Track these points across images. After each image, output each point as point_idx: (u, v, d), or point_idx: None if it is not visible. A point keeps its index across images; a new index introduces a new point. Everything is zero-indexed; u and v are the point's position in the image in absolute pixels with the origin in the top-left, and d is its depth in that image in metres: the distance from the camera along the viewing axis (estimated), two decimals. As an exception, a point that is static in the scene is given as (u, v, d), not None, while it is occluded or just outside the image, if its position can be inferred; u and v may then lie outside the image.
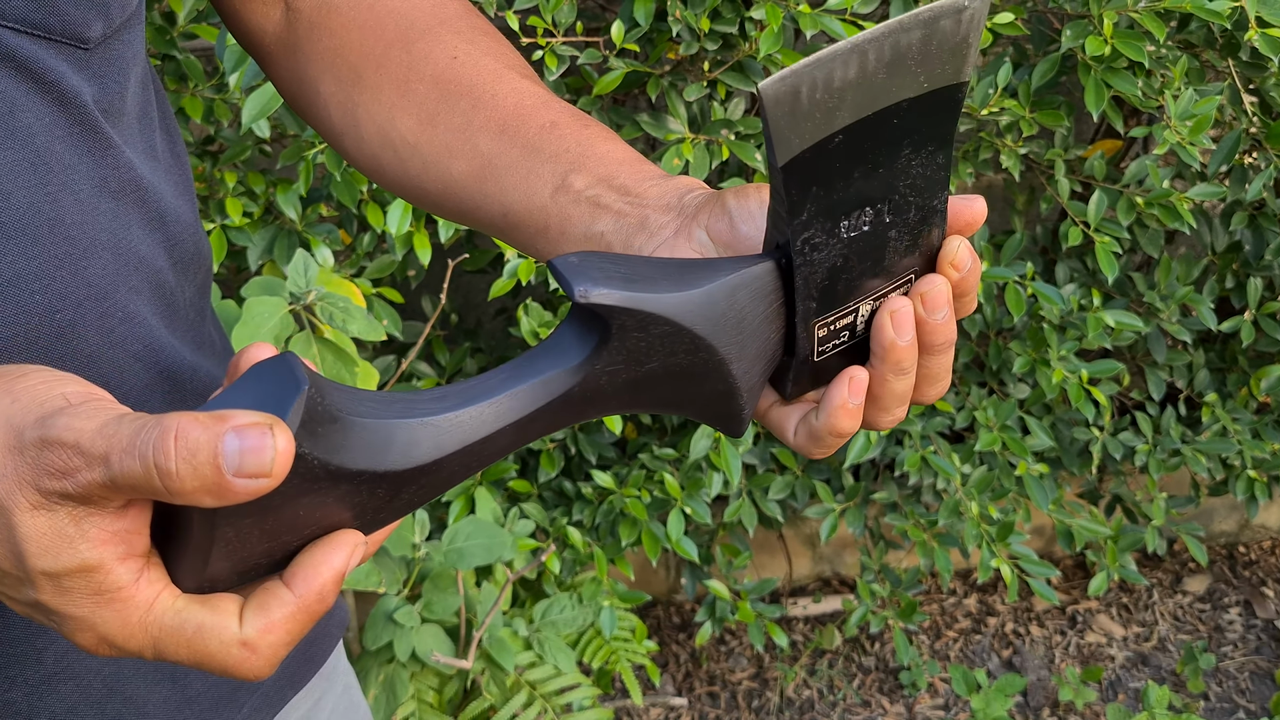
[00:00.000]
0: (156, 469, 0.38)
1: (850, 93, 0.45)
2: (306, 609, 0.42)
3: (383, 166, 0.67)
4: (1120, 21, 1.38)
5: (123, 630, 0.41)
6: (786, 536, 2.28)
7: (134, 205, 0.60)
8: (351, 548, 0.43)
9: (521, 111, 0.62)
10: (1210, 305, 1.80)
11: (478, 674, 1.55)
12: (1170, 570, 2.48)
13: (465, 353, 1.77)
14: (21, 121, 0.53)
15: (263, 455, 0.38)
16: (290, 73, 0.70)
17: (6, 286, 0.53)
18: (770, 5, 1.32)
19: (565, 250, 0.60)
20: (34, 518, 0.40)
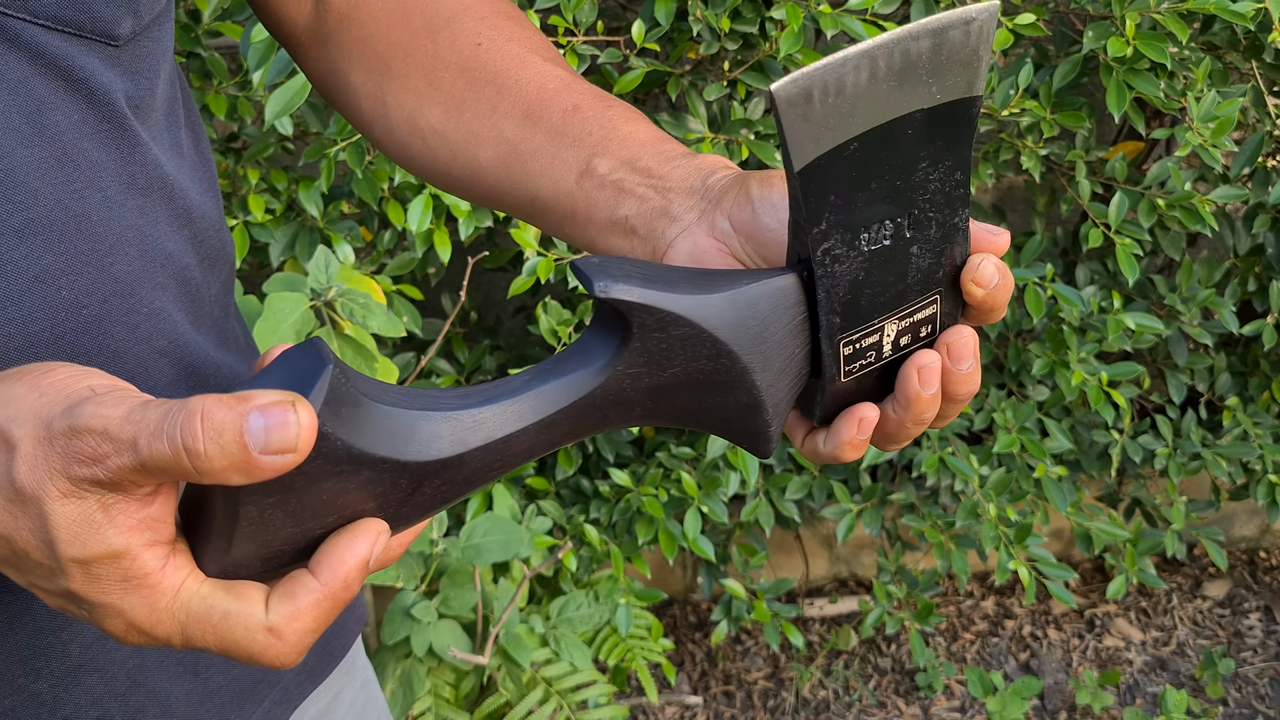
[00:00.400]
0: (185, 450, 0.39)
1: (862, 99, 0.46)
2: (332, 596, 0.43)
3: (412, 154, 0.68)
4: (1143, 23, 1.38)
5: (151, 616, 0.42)
6: (803, 537, 2.28)
7: (161, 202, 0.61)
8: (375, 535, 0.44)
9: (545, 96, 0.63)
10: (1232, 308, 1.78)
11: (494, 670, 1.55)
12: (1190, 575, 2.46)
13: (484, 350, 1.77)
14: (50, 119, 0.54)
15: (287, 431, 0.39)
16: (321, 64, 0.71)
17: (33, 282, 0.53)
18: (791, 5, 1.32)
19: (592, 235, 0.61)
20: (64, 505, 0.40)
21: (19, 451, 0.41)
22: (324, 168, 1.31)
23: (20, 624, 0.57)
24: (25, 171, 0.53)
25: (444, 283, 1.87)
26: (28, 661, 0.58)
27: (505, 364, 1.84)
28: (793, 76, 0.45)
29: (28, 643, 0.57)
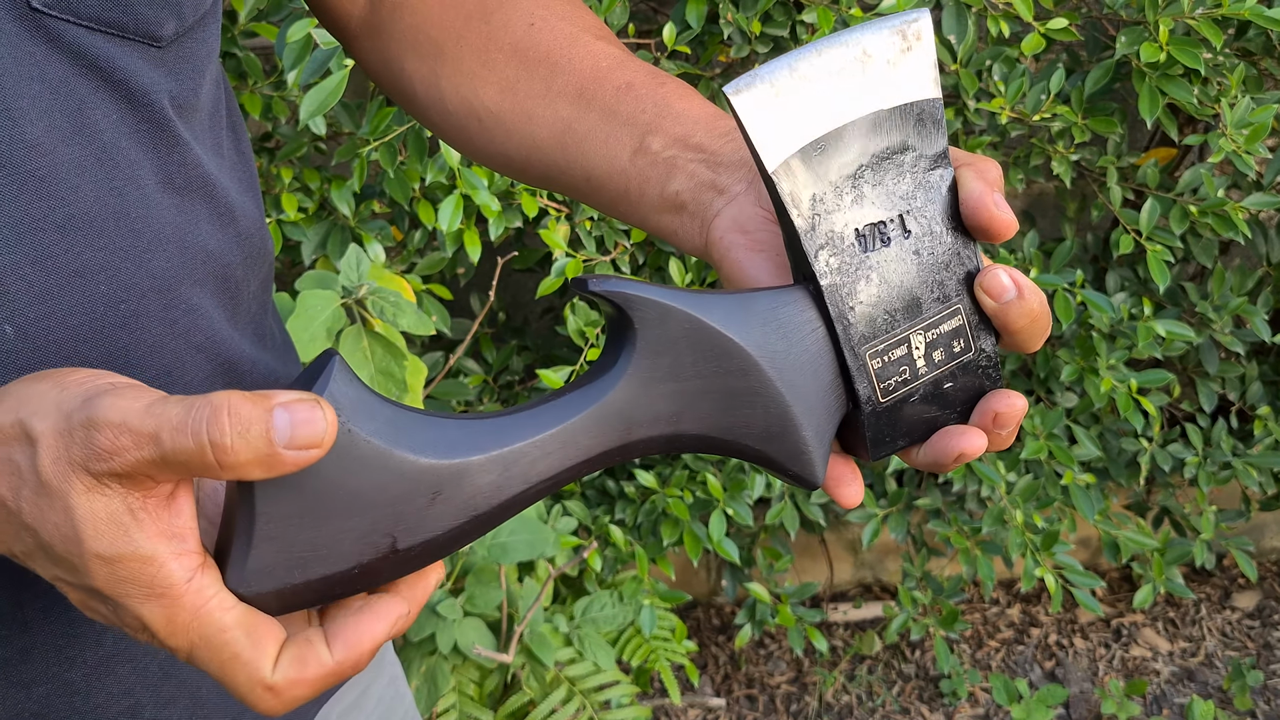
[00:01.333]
0: (211, 444, 0.39)
1: (818, 96, 0.48)
2: (340, 673, 0.43)
3: (469, 137, 0.68)
4: (1176, 28, 1.37)
5: (167, 627, 0.42)
6: (828, 541, 2.28)
7: (201, 200, 0.61)
8: (394, 620, 0.44)
9: (598, 74, 0.63)
10: (1265, 317, 1.77)
11: (518, 668, 1.56)
12: (1219, 586, 2.44)
13: (512, 350, 1.78)
14: (90, 118, 0.55)
15: (314, 427, 0.39)
16: (375, 54, 0.72)
17: (73, 276, 0.54)
18: (822, 9, 1.32)
19: (644, 213, 0.61)
20: (90, 500, 0.41)
21: (40, 445, 0.41)
22: (356, 167, 1.32)
23: (55, 613, 0.58)
24: (66, 169, 0.54)
25: (472, 283, 1.88)
26: (62, 650, 0.59)
27: (532, 364, 1.85)
28: (743, 76, 0.48)
29: (62, 631, 0.58)
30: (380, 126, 1.30)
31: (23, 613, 0.57)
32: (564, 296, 1.88)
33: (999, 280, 0.52)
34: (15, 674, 0.58)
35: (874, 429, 0.51)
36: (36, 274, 0.53)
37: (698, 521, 1.70)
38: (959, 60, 1.46)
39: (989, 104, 1.45)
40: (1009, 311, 0.52)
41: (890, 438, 0.52)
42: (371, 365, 1.19)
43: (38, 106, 0.52)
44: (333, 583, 0.44)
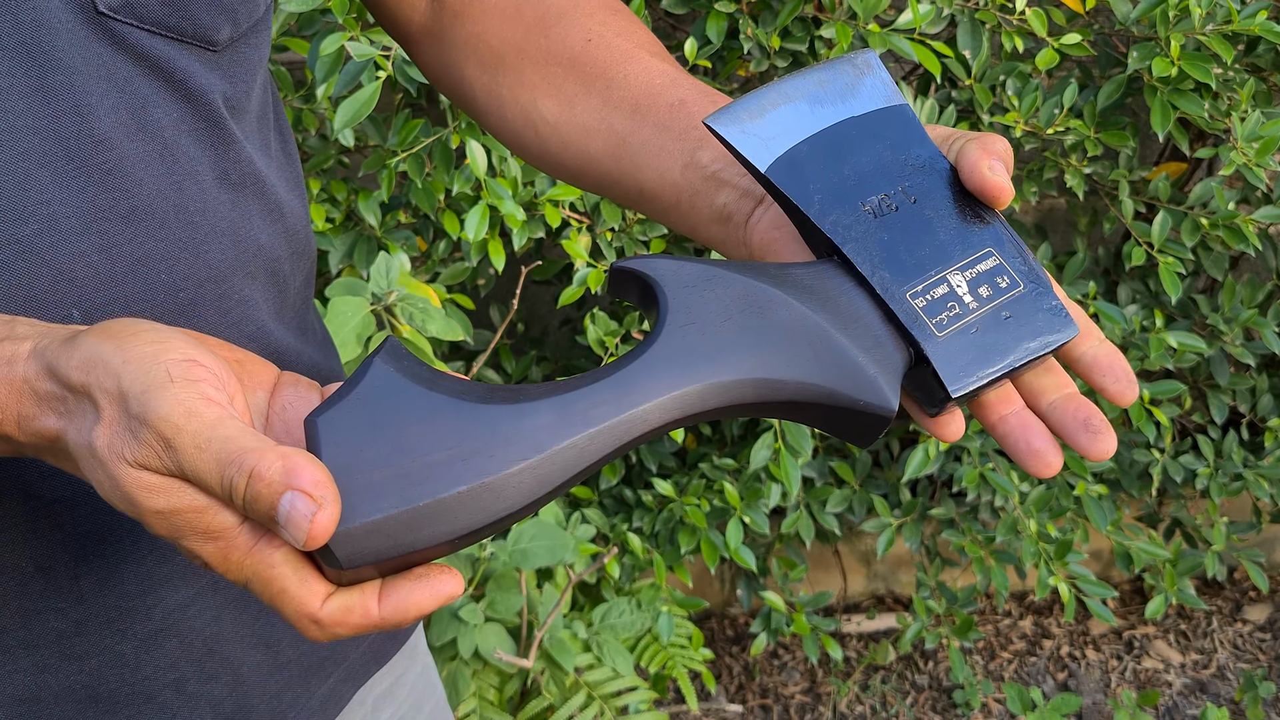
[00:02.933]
0: (230, 498, 0.43)
1: (786, 117, 0.56)
2: (382, 625, 0.46)
3: (525, 144, 0.71)
4: (1187, 44, 1.40)
5: (223, 563, 0.45)
6: (841, 553, 2.29)
7: (253, 197, 0.64)
8: (446, 596, 0.47)
9: (652, 91, 0.66)
10: (1275, 329, 1.79)
11: (537, 673, 1.58)
12: (1230, 598, 2.45)
13: (531, 360, 1.81)
14: (152, 115, 0.58)
15: (299, 530, 0.42)
16: (435, 59, 0.75)
17: (136, 265, 0.57)
18: (840, 25, 1.35)
19: (694, 223, 0.65)
20: (138, 473, 0.44)
21: (102, 419, 0.44)
22: (384, 178, 1.35)
23: (109, 586, 0.60)
24: (131, 163, 0.57)
25: (491, 295, 1.91)
26: (114, 623, 0.61)
27: (551, 374, 1.88)
28: (718, 110, 0.55)
29: (115, 604, 0.61)
30: (408, 138, 1.33)
31: (79, 585, 0.60)
32: (582, 308, 1.91)
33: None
34: (70, 646, 0.60)
35: (941, 359, 0.52)
36: (103, 262, 0.56)
37: (714, 530, 1.72)
38: (973, 75, 1.49)
39: (1003, 118, 1.48)
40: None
41: (965, 367, 0.52)
42: (400, 370, 1.22)
43: (105, 104, 0.55)
44: (415, 526, 0.44)
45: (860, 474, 1.88)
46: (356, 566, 0.44)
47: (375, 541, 0.44)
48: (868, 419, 0.51)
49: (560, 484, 0.47)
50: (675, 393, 0.49)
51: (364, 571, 0.45)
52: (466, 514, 0.45)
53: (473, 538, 0.46)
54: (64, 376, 0.45)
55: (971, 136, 0.56)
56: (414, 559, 0.45)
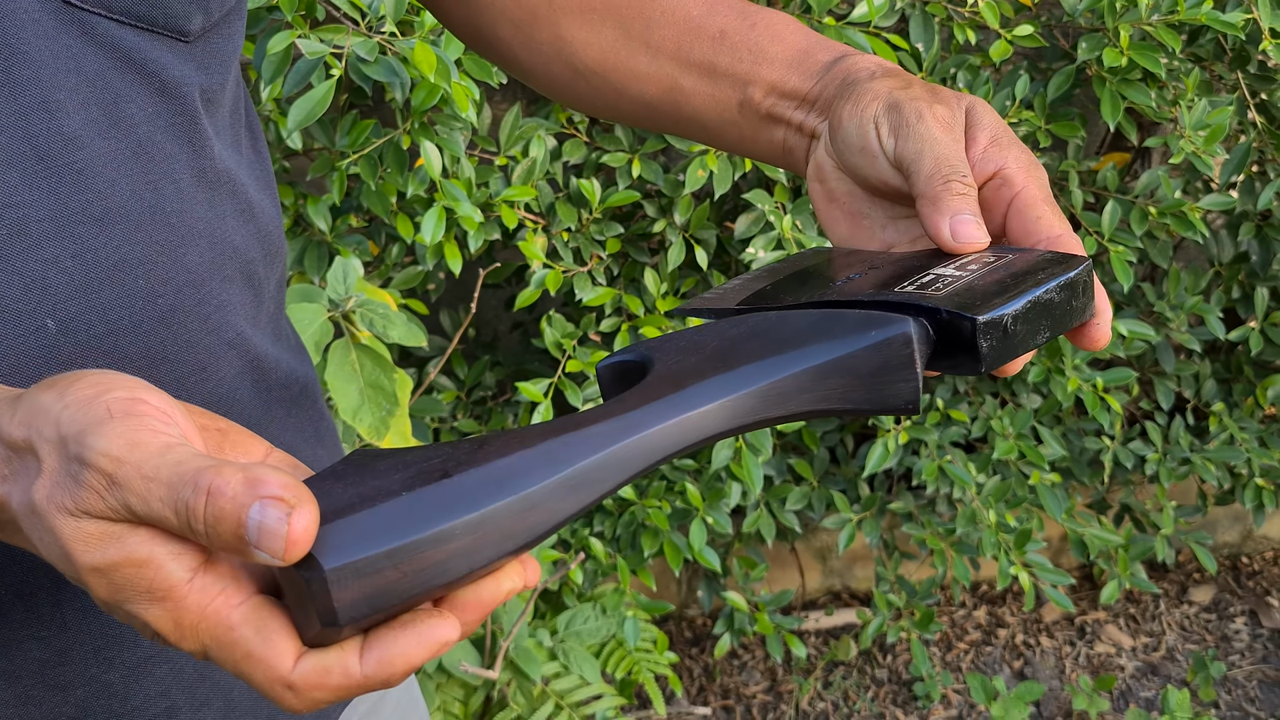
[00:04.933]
0: (190, 528, 0.37)
1: (731, 290, 0.59)
2: (366, 686, 0.40)
3: (580, 95, 0.70)
4: (1134, 34, 1.41)
5: (176, 631, 0.39)
6: (798, 550, 2.29)
7: (228, 196, 0.61)
8: (439, 643, 0.40)
9: (691, 26, 0.65)
10: (1219, 315, 1.82)
11: (504, 684, 1.55)
12: (1176, 581, 2.50)
13: (484, 366, 1.78)
14: (125, 111, 0.54)
15: (275, 541, 0.36)
16: (466, 20, 0.72)
17: (113, 270, 0.54)
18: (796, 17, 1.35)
19: (760, 155, 0.66)
20: (74, 521, 0.39)
21: (42, 471, 0.39)
22: (335, 180, 1.31)
23: (94, 613, 0.57)
24: (104, 162, 0.53)
25: (441, 300, 1.87)
26: (100, 651, 0.58)
27: (504, 379, 1.84)
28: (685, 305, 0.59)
29: (100, 632, 0.57)
30: (360, 140, 1.29)
31: (61, 613, 0.56)
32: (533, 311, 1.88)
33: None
34: (53, 676, 0.57)
35: (953, 300, 0.49)
36: (77, 268, 0.52)
37: (676, 532, 1.70)
38: (924, 69, 1.49)
39: (956, 110, 1.48)
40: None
41: (981, 301, 0.49)
42: (361, 379, 1.18)
43: (75, 99, 0.52)
44: (407, 556, 0.38)
45: (818, 470, 1.88)
46: (354, 619, 0.38)
47: (370, 582, 0.37)
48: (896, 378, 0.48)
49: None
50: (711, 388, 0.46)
51: (347, 630, 0.39)
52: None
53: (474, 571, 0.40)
54: (7, 436, 0.41)
55: (926, 196, 0.54)
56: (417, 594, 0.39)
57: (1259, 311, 1.86)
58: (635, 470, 0.43)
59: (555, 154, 1.51)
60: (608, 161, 1.52)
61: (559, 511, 0.41)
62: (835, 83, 0.60)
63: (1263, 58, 1.52)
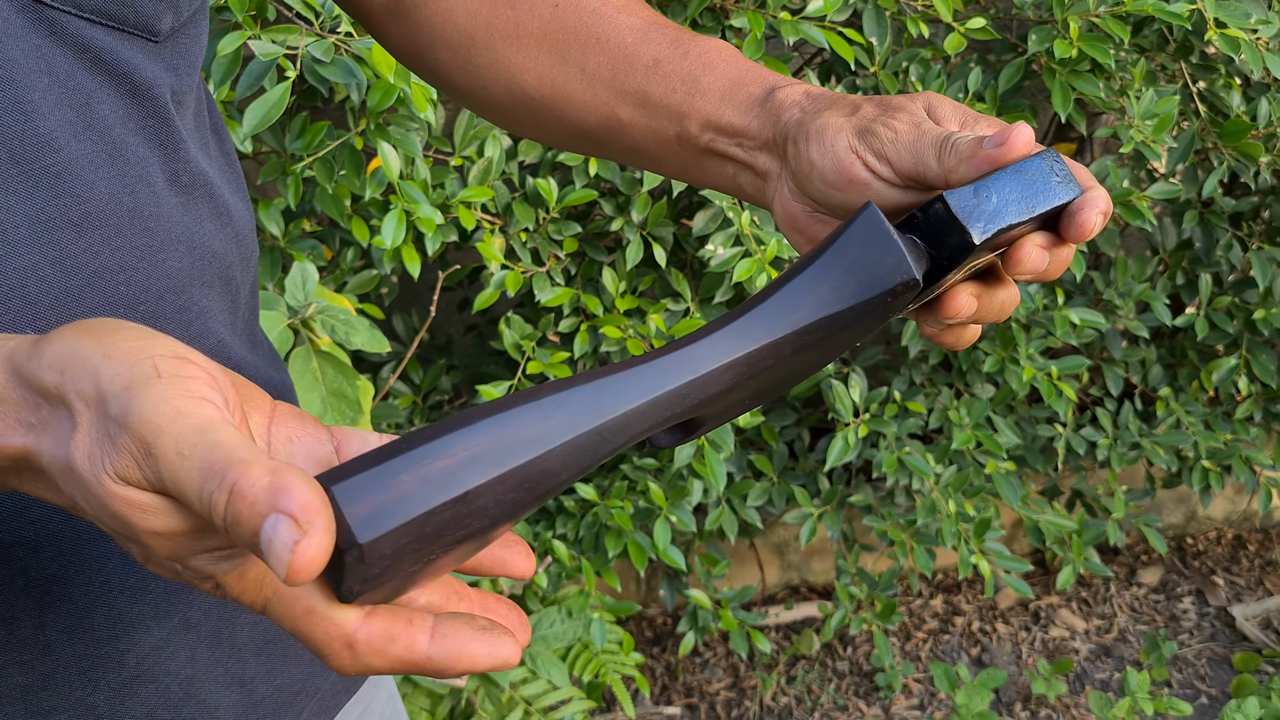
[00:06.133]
0: (210, 518, 0.36)
1: None
2: (422, 668, 0.40)
3: (520, 122, 0.68)
4: (1082, 26, 1.43)
5: (239, 584, 0.39)
6: (756, 546, 2.30)
7: (203, 200, 0.60)
8: (503, 658, 0.40)
9: (625, 53, 0.63)
10: (1165, 302, 1.86)
11: (471, 692, 1.53)
12: (1125, 564, 2.55)
13: (440, 370, 1.75)
14: (98, 113, 0.53)
15: (279, 561, 0.35)
16: (403, 40, 0.71)
17: (94, 277, 0.52)
18: (751, 13, 1.34)
19: (713, 185, 0.63)
20: (124, 489, 0.38)
21: (77, 427, 0.38)
22: (290, 184, 1.28)
23: (78, 633, 0.55)
24: (80, 165, 0.52)
25: (394, 304, 1.85)
26: (85, 673, 0.56)
27: (460, 383, 1.82)
28: None
29: (85, 653, 0.56)
30: (314, 142, 1.27)
31: (45, 635, 0.54)
32: (487, 313, 1.86)
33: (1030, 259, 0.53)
34: (37, 702, 0.55)
35: (954, 200, 0.51)
36: (57, 275, 0.51)
37: (640, 531, 1.69)
38: (877, 63, 1.50)
39: (910, 104, 1.49)
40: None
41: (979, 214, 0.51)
42: (323, 387, 1.16)
43: (48, 100, 0.51)
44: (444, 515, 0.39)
45: (778, 466, 1.88)
46: (374, 534, 0.37)
47: (385, 493, 0.38)
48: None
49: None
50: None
51: (376, 586, 0.39)
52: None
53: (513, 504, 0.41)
54: (35, 380, 0.39)
55: (952, 167, 0.53)
56: (439, 551, 0.39)
57: (1203, 297, 1.90)
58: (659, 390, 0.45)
59: (511, 153, 1.49)
60: (564, 160, 1.50)
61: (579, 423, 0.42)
62: (773, 122, 0.59)
63: (1205, 48, 1.55)
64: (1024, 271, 0.53)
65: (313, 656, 0.71)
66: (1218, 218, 1.82)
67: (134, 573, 0.56)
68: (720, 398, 0.48)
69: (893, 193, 0.55)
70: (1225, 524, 2.66)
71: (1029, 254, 0.52)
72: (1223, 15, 1.37)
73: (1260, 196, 1.87)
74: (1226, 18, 1.37)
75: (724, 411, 0.50)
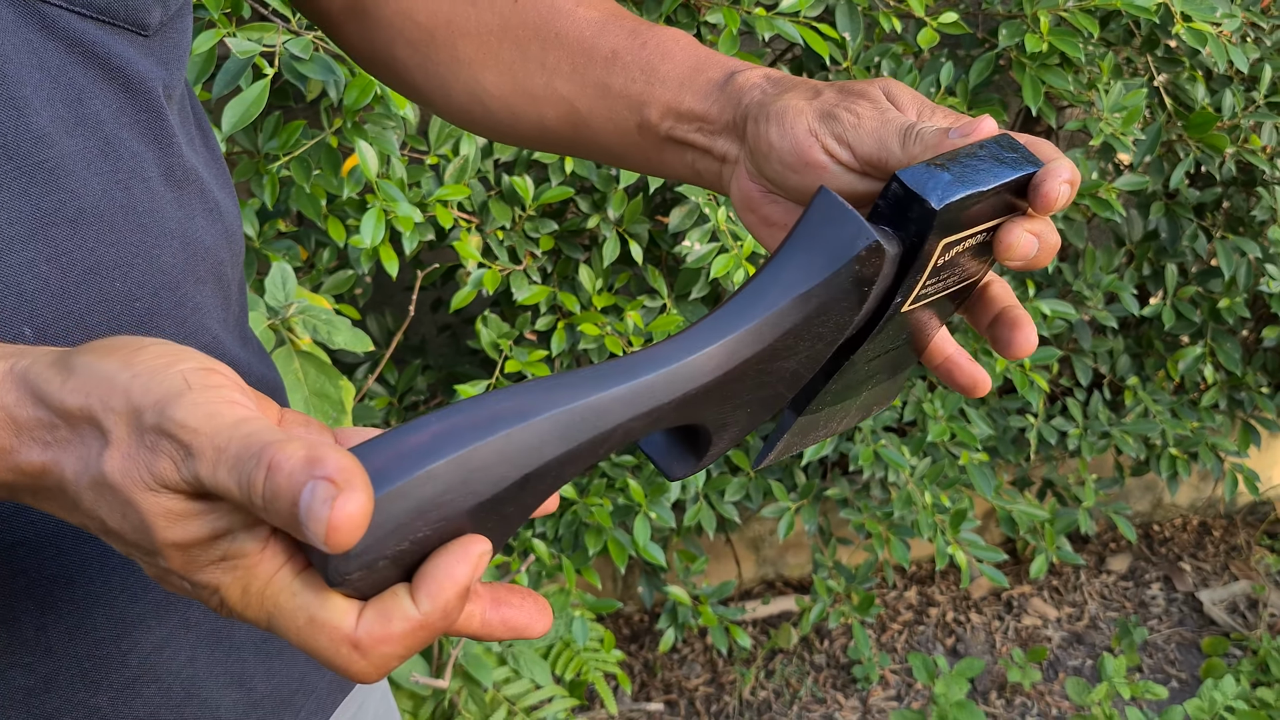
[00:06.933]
0: (250, 501, 0.37)
1: None
2: (429, 625, 0.40)
3: (476, 120, 0.68)
4: (1051, 20, 1.45)
5: (242, 598, 0.40)
6: (732, 541, 2.30)
7: (195, 195, 0.60)
8: (476, 558, 0.40)
9: (584, 46, 0.64)
10: (1133, 292, 1.89)
11: (454, 693, 1.52)
12: (1094, 552, 2.58)
13: (415, 370, 1.74)
14: (90, 108, 0.53)
15: (318, 524, 0.35)
16: (362, 40, 0.71)
17: (89, 274, 0.52)
18: (726, 9, 1.35)
19: (671, 175, 0.64)
20: (156, 498, 0.38)
21: (111, 443, 0.38)
22: (266, 184, 1.27)
23: (80, 634, 0.55)
24: (74, 160, 0.52)
25: (368, 305, 1.84)
26: (88, 674, 0.56)
27: (435, 383, 1.81)
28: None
29: (87, 654, 0.55)
30: (290, 141, 1.26)
31: (47, 636, 0.54)
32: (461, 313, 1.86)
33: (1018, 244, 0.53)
34: (39, 705, 0.54)
35: (910, 177, 0.51)
36: (53, 272, 0.50)
37: (619, 529, 1.69)
38: (850, 58, 1.51)
39: (882, 99, 1.50)
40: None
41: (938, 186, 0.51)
42: (306, 387, 1.15)
43: (40, 96, 0.50)
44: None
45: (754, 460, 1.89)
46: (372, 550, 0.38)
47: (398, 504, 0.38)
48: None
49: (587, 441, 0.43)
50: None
51: (381, 567, 0.39)
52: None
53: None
54: (55, 402, 0.39)
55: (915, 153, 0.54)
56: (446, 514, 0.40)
57: (1169, 287, 1.93)
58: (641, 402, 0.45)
59: (486, 151, 1.49)
60: (540, 158, 1.50)
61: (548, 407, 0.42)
62: (734, 105, 0.59)
63: (1169, 41, 1.57)
64: (1014, 257, 0.53)
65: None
66: (1183, 209, 1.85)
67: (134, 572, 0.56)
68: (712, 394, 0.48)
69: (849, 178, 0.55)
70: (1190, 511, 2.71)
71: (1017, 238, 0.52)
72: (1189, 9, 1.39)
73: (1223, 187, 1.90)
74: (1192, 11, 1.39)
75: (728, 420, 0.50)
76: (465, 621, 0.42)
